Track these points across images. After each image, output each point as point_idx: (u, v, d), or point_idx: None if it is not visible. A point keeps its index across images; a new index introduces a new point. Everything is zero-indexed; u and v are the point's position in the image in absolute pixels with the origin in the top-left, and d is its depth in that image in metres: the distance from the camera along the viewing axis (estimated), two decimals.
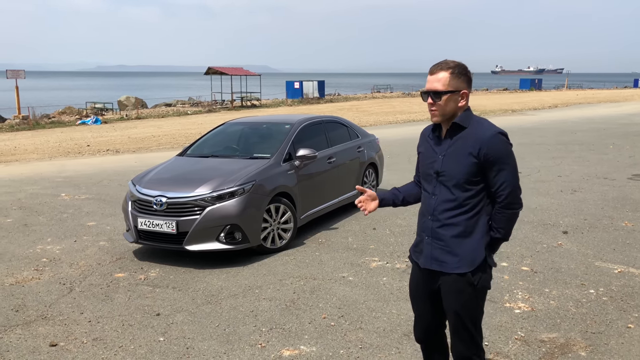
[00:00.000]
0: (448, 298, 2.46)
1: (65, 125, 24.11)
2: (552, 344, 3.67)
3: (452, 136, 2.41)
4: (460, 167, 2.36)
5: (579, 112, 25.23)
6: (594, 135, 15.76)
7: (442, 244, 2.43)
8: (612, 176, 9.47)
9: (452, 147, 2.40)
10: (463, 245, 2.40)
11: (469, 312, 2.44)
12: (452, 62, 2.38)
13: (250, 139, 6.88)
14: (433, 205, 2.45)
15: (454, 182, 2.38)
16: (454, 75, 2.35)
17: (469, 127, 2.38)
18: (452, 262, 2.41)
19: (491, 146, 2.31)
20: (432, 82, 2.37)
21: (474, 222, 2.40)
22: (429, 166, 2.48)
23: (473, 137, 2.34)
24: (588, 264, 5.17)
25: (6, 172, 11.24)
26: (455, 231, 2.40)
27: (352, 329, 3.95)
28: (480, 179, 2.37)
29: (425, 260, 2.50)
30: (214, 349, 3.71)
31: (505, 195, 2.36)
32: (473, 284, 2.40)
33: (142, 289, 4.81)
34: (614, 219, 6.75)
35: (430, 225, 2.47)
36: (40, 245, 6.15)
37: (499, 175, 2.34)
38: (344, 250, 5.75)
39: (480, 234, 2.41)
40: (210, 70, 36.56)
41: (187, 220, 5.31)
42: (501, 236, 2.45)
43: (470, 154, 2.34)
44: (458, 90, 2.36)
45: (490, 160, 2.32)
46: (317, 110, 27.42)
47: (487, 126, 2.37)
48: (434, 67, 2.39)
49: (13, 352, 3.71)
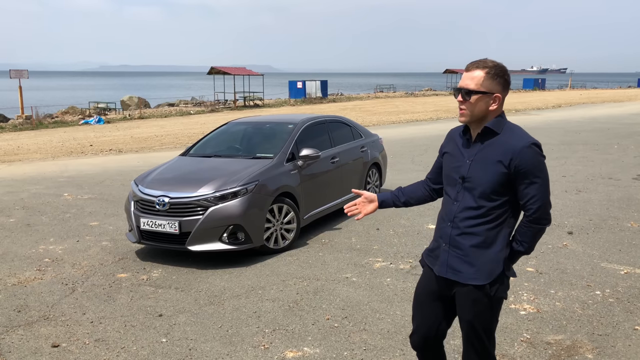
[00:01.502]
0: (462, 308, 2.37)
1: (68, 125, 24.14)
2: (558, 346, 3.63)
3: (483, 141, 2.29)
4: (487, 175, 2.24)
5: (582, 112, 25.15)
6: (598, 135, 15.69)
7: (460, 252, 2.32)
8: (617, 176, 9.42)
9: (481, 152, 2.28)
10: (482, 256, 2.29)
11: (483, 322, 2.35)
12: (491, 61, 2.26)
13: (253, 139, 6.86)
14: (454, 211, 2.33)
15: (479, 191, 2.26)
16: (489, 75, 2.23)
17: (501, 134, 2.25)
18: (468, 272, 2.31)
19: (523, 157, 2.18)
20: (465, 80, 2.26)
21: (495, 233, 2.29)
22: (454, 170, 2.36)
23: (504, 145, 2.22)
24: (594, 265, 5.13)
25: (9, 172, 11.25)
26: (475, 241, 2.29)
27: (356, 331, 3.92)
28: (508, 190, 2.26)
29: (441, 268, 2.39)
30: (216, 350, 3.68)
31: (534, 209, 2.24)
32: (489, 295, 2.30)
33: (144, 290, 4.79)
34: (620, 219, 6.70)
35: (449, 232, 2.35)
36: (43, 245, 6.13)
37: (529, 189, 2.22)
38: (348, 251, 5.72)
39: (500, 246, 2.29)
40: (213, 70, 36.59)
41: (189, 220, 5.29)
42: (524, 250, 2.34)
43: (500, 163, 2.22)
44: (491, 93, 2.23)
45: (521, 172, 2.19)
46: (320, 110, 27.40)
47: (521, 135, 2.24)
48: (470, 65, 2.27)
49: (15, 353, 3.69)
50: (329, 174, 6.72)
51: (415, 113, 26.12)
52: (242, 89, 38.47)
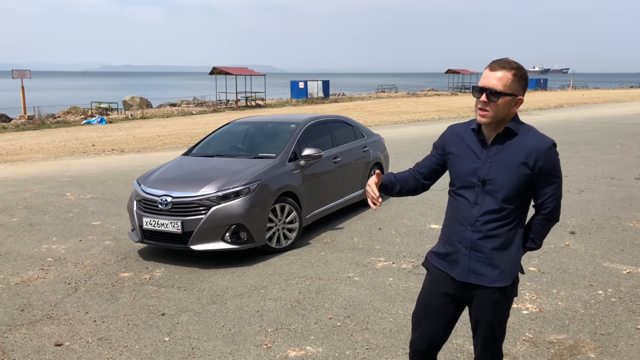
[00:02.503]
0: (482, 310, 2.34)
1: (71, 125, 24.19)
2: (560, 346, 3.63)
3: (503, 142, 2.23)
4: (511, 177, 2.21)
5: (584, 112, 25.11)
6: (601, 135, 15.67)
7: (482, 256, 2.28)
8: (619, 176, 9.40)
9: (501, 154, 2.23)
10: (503, 257, 2.28)
11: (501, 322, 2.37)
12: (515, 62, 2.19)
13: (255, 139, 6.86)
14: (475, 215, 2.27)
15: (503, 193, 2.22)
16: (516, 77, 2.17)
17: (520, 135, 2.23)
18: (492, 275, 2.28)
19: (547, 158, 2.19)
20: (490, 79, 2.16)
21: (514, 234, 2.29)
22: (470, 172, 2.28)
23: (527, 147, 2.19)
24: (596, 265, 5.13)
25: (12, 172, 11.27)
26: (497, 243, 2.27)
27: (358, 330, 3.92)
28: (527, 191, 2.26)
29: (462, 273, 2.33)
30: (219, 349, 3.68)
31: (552, 208, 2.29)
32: (509, 296, 2.32)
33: (147, 289, 4.80)
34: (622, 219, 6.70)
35: (469, 237, 2.29)
36: (46, 244, 6.15)
37: (548, 188, 2.25)
38: (350, 251, 5.72)
39: (517, 245, 2.31)
40: (215, 70, 36.63)
41: (192, 219, 5.30)
42: (536, 247, 2.37)
43: (524, 165, 2.19)
44: (515, 95, 2.19)
45: (544, 172, 2.20)
46: (322, 110, 27.40)
47: (541, 136, 2.23)
48: (495, 64, 2.19)
49: (18, 352, 3.70)
50: (331, 173, 6.72)
51: (417, 113, 26.11)
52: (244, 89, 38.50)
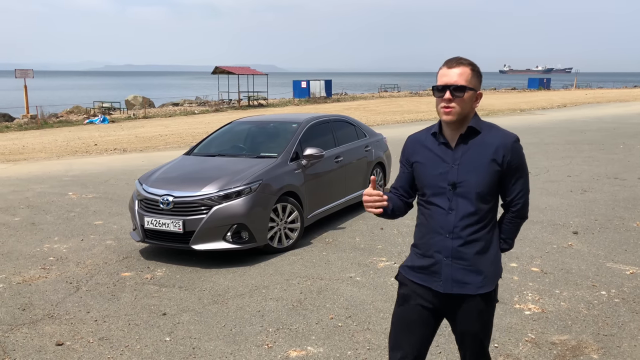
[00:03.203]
0: (466, 321, 2.27)
1: (73, 124, 24.22)
2: (563, 346, 3.61)
3: (467, 141, 2.21)
4: (482, 176, 2.17)
5: (588, 112, 25.04)
6: (604, 134, 15.62)
7: (465, 263, 2.21)
8: (622, 176, 9.37)
9: (468, 154, 2.19)
10: (485, 261, 2.23)
11: (486, 331, 2.31)
12: (467, 59, 2.20)
13: (257, 138, 6.86)
14: (452, 222, 2.20)
15: (475, 193, 2.18)
16: (474, 72, 2.18)
17: (483, 132, 2.21)
18: (476, 281, 2.21)
19: (515, 153, 2.19)
20: (451, 76, 2.15)
21: (491, 235, 2.25)
22: (438, 178, 2.22)
23: (493, 143, 2.18)
24: (599, 265, 5.10)
25: (14, 171, 11.29)
26: (478, 247, 2.22)
27: (360, 330, 3.91)
28: (498, 189, 2.24)
29: (445, 285, 2.23)
30: (220, 349, 3.68)
31: (522, 204, 2.28)
32: (492, 303, 2.27)
33: (148, 289, 4.79)
34: (625, 219, 6.67)
35: (449, 245, 2.21)
36: (48, 244, 6.15)
37: (517, 184, 2.24)
38: (351, 250, 5.71)
39: (496, 247, 2.28)
40: (217, 70, 36.63)
41: (193, 219, 5.29)
42: (509, 247, 2.34)
43: (494, 161, 2.17)
44: (476, 90, 2.19)
45: (512, 167, 2.19)
46: (324, 110, 27.39)
47: (504, 132, 2.23)
48: (452, 61, 2.19)
49: (19, 351, 3.70)
50: (333, 173, 6.71)
51: (419, 113, 26.07)
52: (246, 88, 38.53)
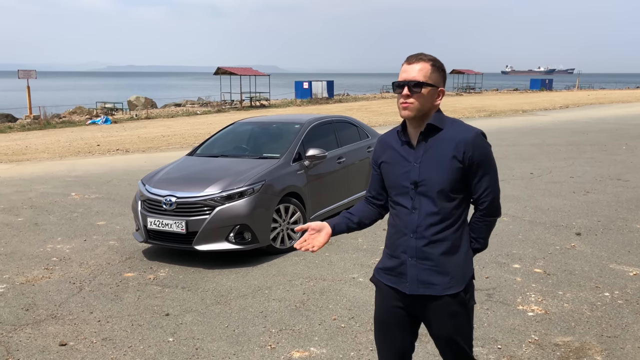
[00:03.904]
0: (439, 324, 2.21)
1: (76, 124, 24.25)
2: (566, 348, 3.61)
3: (427, 139, 2.17)
4: (443, 174, 2.13)
5: (590, 113, 25.00)
6: (607, 135, 15.59)
7: (430, 264, 2.17)
8: (625, 177, 9.35)
9: (429, 152, 2.15)
10: (452, 262, 2.18)
11: (463, 334, 2.23)
12: (430, 55, 2.17)
13: (259, 139, 6.86)
14: (416, 221, 2.17)
15: (437, 191, 2.13)
16: (435, 68, 2.14)
17: (445, 129, 2.16)
18: (442, 282, 2.16)
19: (476, 148, 2.12)
20: (410, 72, 2.13)
21: (460, 235, 2.20)
22: (402, 177, 2.20)
23: (454, 139, 2.13)
24: (602, 267, 5.09)
25: (17, 171, 11.31)
26: (444, 247, 2.16)
27: (363, 331, 3.91)
28: (464, 186, 2.17)
29: (411, 286, 2.19)
30: (223, 350, 3.68)
31: (489, 202, 2.20)
32: (465, 304, 2.20)
33: (151, 289, 4.80)
34: (628, 220, 6.66)
35: (413, 245, 2.18)
36: (51, 244, 6.16)
37: (482, 181, 2.17)
38: (354, 251, 5.71)
39: (466, 247, 2.22)
40: (219, 70, 36.66)
41: (196, 220, 5.30)
42: (481, 247, 2.28)
43: (454, 158, 2.12)
44: (437, 86, 2.15)
45: (475, 163, 2.13)
46: (327, 110, 27.39)
47: (466, 127, 2.17)
48: (412, 58, 2.16)
49: (23, 352, 3.70)
50: (336, 174, 6.71)
51: None
52: (248, 89, 38.54)
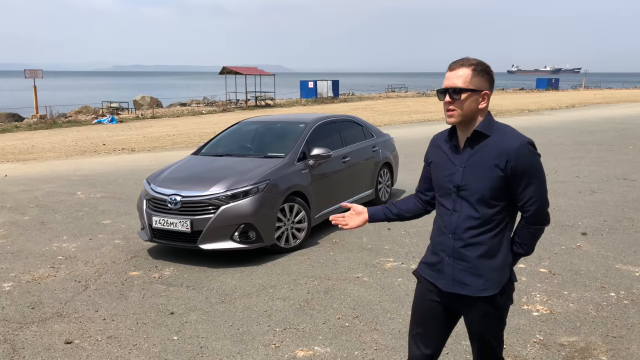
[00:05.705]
0: (472, 322, 2.29)
1: (82, 124, 24.37)
2: (571, 348, 3.59)
3: (473, 145, 2.19)
4: (484, 181, 2.14)
5: (597, 112, 24.87)
6: (613, 135, 15.51)
7: (466, 265, 2.21)
8: (632, 177, 9.30)
9: (474, 157, 2.17)
10: (488, 266, 2.20)
11: (495, 334, 2.29)
12: (474, 59, 2.18)
13: (264, 138, 6.87)
14: (455, 222, 2.22)
15: (477, 197, 2.16)
16: (475, 72, 2.14)
17: (492, 136, 2.16)
18: (477, 284, 2.20)
19: (520, 158, 2.10)
20: (451, 79, 2.16)
21: (499, 240, 2.21)
22: (446, 179, 2.25)
23: (498, 147, 2.13)
24: (608, 267, 5.07)
25: (24, 171, 11.38)
26: (480, 251, 2.19)
27: (367, 330, 3.91)
28: (507, 194, 2.17)
29: (447, 283, 2.26)
30: (227, 349, 3.69)
31: (533, 211, 2.18)
32: (498, 306, 2.23)
33: (156, 288, 4.81)
34: (635, 220, 6.62)
35: (451, 245, 2.23)
36: (57, 243, 6.19)
37: (527, 190, 2.15)
38: (359, 251, 5.70)
39: (505, 252, 2.23)
40: (224, 70, 36.73)
41: (201, 219, 5.31)
42: (524, 252, 2.28)
43: (496, 166, 2.12)
44: (480, 90, 2.15)
45: (518, 173, 2.11)
46: (332, 110, 27.39)
47: (514, 135, 2.16)
48: (453, 64, 2.19)
49: (28, 349, 3.72)
50: (340, 173, 6.70)
51: (427, 113, 26.00)
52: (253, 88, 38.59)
